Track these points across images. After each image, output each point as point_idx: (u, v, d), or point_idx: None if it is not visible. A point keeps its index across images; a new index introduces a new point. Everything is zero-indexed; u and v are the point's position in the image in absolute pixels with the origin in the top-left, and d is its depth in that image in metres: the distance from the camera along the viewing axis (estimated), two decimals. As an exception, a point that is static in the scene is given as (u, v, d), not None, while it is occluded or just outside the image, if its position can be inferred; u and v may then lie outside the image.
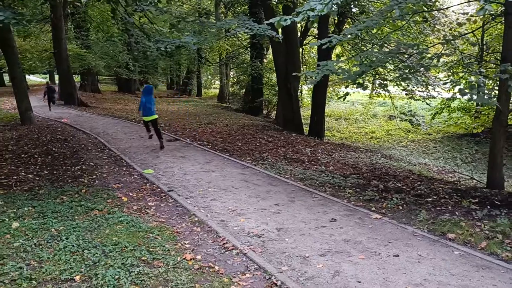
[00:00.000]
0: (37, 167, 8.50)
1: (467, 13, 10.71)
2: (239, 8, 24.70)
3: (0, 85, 39.01)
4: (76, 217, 5.54)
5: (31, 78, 47.47)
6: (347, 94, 8.53)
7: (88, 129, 13.90)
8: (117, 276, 3.92)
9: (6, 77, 35.16)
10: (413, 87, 13.09)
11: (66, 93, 22.75)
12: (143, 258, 4.36)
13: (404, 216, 5.88)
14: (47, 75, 44.50)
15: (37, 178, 7.67)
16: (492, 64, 11.37)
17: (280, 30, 15.51)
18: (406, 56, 7.96)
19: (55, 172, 8.19)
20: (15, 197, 6.41)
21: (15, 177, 7.65)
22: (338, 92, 24.23)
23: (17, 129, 13.59)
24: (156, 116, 10.44)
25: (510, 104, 8.24)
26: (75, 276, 3.93)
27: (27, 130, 13.14)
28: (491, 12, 10.40)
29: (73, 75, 24.70)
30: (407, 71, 7.67)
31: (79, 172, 8.17)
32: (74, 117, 17.27)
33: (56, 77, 30.16)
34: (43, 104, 20.80)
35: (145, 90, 10.70)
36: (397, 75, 8.47)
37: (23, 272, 3.94)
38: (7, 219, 5.33)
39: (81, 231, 5.02)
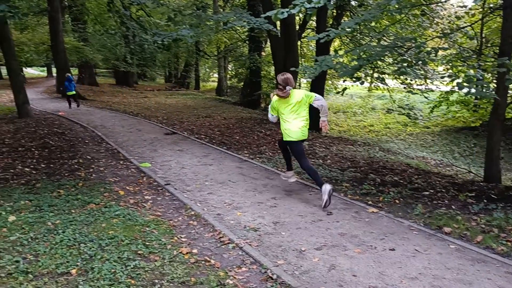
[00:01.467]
0: (34, 161, 8.49)
1: (465, 6, 10.66)
2: (238, 1, 24.55)
3: (-2, 78, 38.85)
4: (72, 211, 5.54)
5: (29, 71, 47.30)
6: (345, 89, 8.52)
7: (85, 122, 13.87)
8: (113, 270, 3.92)
9: (4, 70, 35.00)
10: (411, 81, 13.08)
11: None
12: (139, 252, 4.36)
13: (401, 210, 5.89)
14: (45, 68, 44.32)
15: (34, 172, 7.66)
16: (490, 58, 11.34)
17: (278, 23, 15.45)
18: (404, 49, 7.93)
19: (52, 165, 8.17)
20: (12, 190, 6.39)
21: (12, 171, 7.64)
22: (337, 85, 24.19)
23: (14, 122, 13.54)
24: (74, 92, 17.82)
25: (508, 98, 8.24)
26: (71, 269, 3.93)
27: (24, 123, 13.10)
28: (490, 5, 10.41)
29: (71, 68, 24.60)
30: (405, 64, 7.64)
31: (76, 166, 8.16)
32: (71, 110, 17.22)
33: (54, 70, 30.02)
34: (40, 97, 20.74)
35: (67, 78, 17.96)
36: (395, 68, 8.44)
37: (20, 266, 3.94)
38: (3, 213, 5.32)
39: (77, 225, 5.01)
